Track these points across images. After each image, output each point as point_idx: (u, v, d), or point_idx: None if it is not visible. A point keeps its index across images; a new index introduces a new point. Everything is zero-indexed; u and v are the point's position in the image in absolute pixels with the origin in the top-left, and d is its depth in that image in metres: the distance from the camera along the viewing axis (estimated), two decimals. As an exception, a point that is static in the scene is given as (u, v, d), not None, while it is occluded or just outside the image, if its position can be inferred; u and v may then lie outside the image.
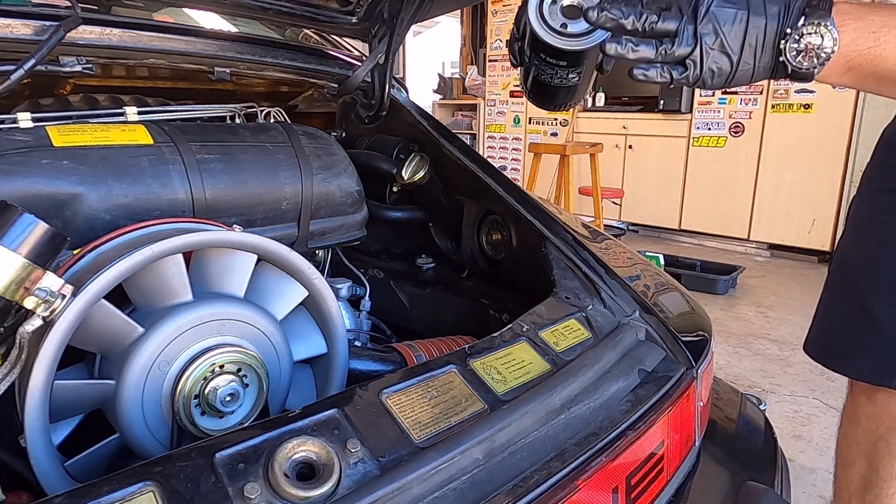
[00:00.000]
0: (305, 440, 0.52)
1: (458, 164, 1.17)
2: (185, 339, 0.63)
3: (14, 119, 0.79)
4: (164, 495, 0.46)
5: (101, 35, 0.86)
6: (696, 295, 1.05)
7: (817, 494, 1.84)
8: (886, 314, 1.05)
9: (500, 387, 0.67)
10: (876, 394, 1.17)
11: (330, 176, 0.98)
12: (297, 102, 1.37)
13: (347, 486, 0.51)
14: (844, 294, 1.14)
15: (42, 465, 0.56)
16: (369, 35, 1.17)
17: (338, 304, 0.76)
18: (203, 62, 1.00)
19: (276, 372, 0.69)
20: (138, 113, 0.92)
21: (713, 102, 4.50)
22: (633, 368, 0.79)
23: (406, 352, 0.88)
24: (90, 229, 0.73)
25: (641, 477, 0.70)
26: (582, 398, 0.70)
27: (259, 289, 0.72)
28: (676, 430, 0.78)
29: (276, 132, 0.97)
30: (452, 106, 6.75)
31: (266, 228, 0.91)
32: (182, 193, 0.81)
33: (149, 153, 0.80)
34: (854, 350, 1.12)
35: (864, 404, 1.19)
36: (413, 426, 0.59)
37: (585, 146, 4.48)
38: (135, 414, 0.60)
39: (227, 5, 1.15)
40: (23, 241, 0.51)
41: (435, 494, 0.54)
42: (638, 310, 0.90)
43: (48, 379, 0.55)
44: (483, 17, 6.46)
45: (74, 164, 0.73)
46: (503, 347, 0.73)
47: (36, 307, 0.52)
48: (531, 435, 0.64)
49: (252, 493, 0.47)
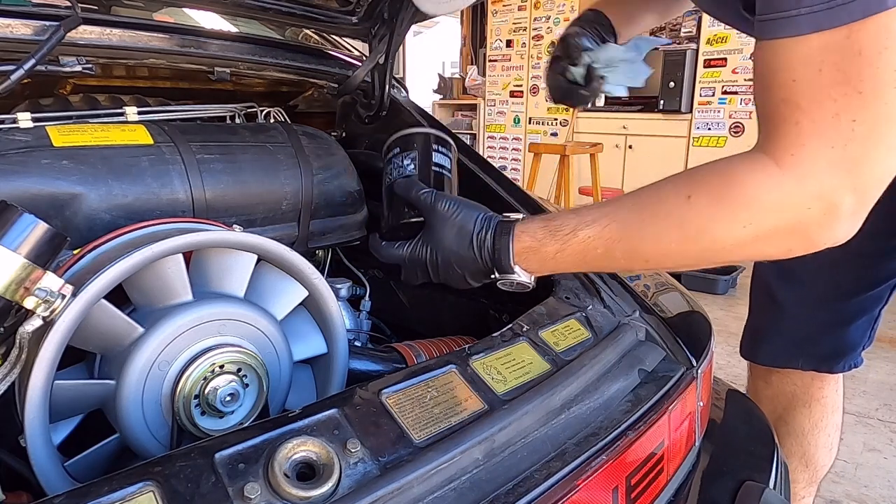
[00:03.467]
0: (305, 440, 0.52)
1: (457, 164, 1.16)
2: (186, 339, 0.63)
3: (14, 119, 0.79)
4: (164, 495, 0.46)
5: (101, 35, 0.86)
6: (696, 295, 1.05)
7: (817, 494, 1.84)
8: (781, 297, 1.11)
9: (500, 387, 0.67)
10: (771, 376, 1.23)
11: (330, 176, 0.98)
12: (297, 102, 1.37)
13: (347, 486, 0.51)
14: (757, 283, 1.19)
15: (42, 465, 0.56)
16: (369, 35, 1.17)
17: (338, 304, 0.76)
18: (203, 62, 1.00)
19: (276, 372, 0.69)
20: (138, 113, 0.92)
21: (713, 103, 4.50)
22: (633, 368, 0.79)
23: (406, 352, 0.88)
24: (90, 229, 0.73)
25: (641, 477, 0.70)
26: (582, 398, 0.70)
27: (259, 289, 0.72)
28: (676, 430, 0.78)
29: (276, 132, 0.97)
30: (452, 106, 6.75)
31: (266, 228, 0.91)
32: (182, 193, 0.81)
33: (149, 153, 0.80)
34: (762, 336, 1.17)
35: (762, 388, 1.26)
36: (413, 426, 0.59)
37: (585, 146, 4.49)
38: (135, 414, 0.60)
39: (227, 5, 1.15)
40: (23, 241, 0.51)
41: (435, 494, 0.54)
42: (638, 310, 0.90)
43: (48, 379, 0.55)
44: (483, 17, 6.46)
45: (74, 164, 0.73)
46: (503, 347, 0.73)
47: (36, 307, 0.52)
48: (531, 435, 0.64)
49: (252, 493, 0.47)
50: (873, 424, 2.25)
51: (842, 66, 0.53)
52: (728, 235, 0.60)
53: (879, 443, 2.12)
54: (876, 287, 1.09)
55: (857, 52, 0.52)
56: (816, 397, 1.21)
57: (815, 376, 1.19)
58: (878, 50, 0.51)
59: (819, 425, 1.22)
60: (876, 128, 0.53)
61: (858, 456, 2.04)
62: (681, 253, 0.64)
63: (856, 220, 0.58)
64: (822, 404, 1.21)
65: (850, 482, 1.90)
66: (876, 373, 2.62)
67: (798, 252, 0.62)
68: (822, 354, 1.15)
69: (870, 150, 0.54)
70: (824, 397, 1.21)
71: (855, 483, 1.90)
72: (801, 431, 1.23)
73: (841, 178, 0.55)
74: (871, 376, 2.59)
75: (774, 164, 0.58)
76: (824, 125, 0.55)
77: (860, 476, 1.93)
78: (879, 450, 2.08)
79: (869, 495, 1.84)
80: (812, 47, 0.53)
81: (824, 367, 1.17)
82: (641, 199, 0.67)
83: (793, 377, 1.21)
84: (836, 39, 0.52)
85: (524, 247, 0.71)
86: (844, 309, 1.12)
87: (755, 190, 0.58)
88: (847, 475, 1.94)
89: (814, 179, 0.56)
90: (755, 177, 0.58)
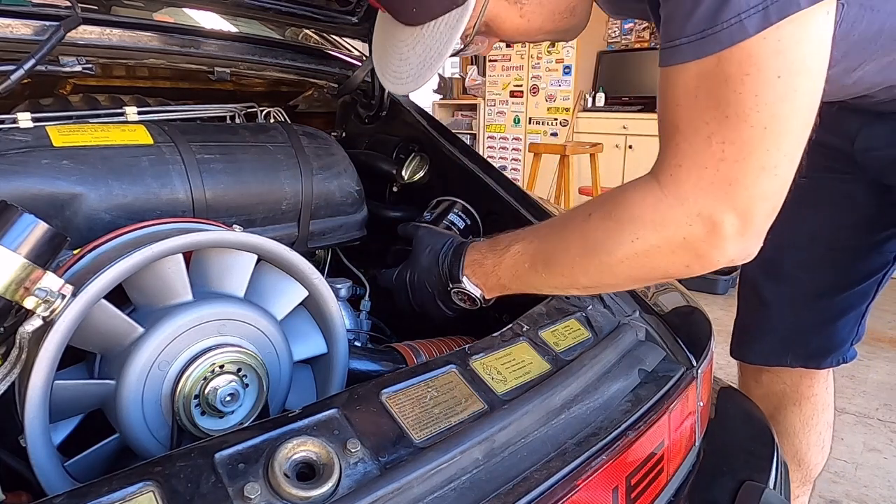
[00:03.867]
0: (305, 440, 0.52)
1: (458, 165, 1.17)
2: (186, 339, 0.63)
3: (14, 119, 0.79)
4: (164, 495, 0.46)
5: (101, 35, 0.86)
6: (696, 295, 1.05)
7: (817, 494, 1.84)
8: (768, 296, 1.14)
9: (500, 387, 0.67)
10: (761, 376, 1.26)
11: (330, 176, 0.98)
12: (297, 102, 1.37)
13: (347, 486, 0.51)
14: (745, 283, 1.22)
15: (42, 465, 0.56)
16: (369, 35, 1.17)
17: (338, 304, 0.76)
18: (203, 62, 1.00)
19: (276, 372, 0.69)
20: (138, 113, 0.92)
21: (713, 102, 4.49)
22: (633, 368, 0.79)
23: (406, 352, 0.88)
24: (90, 229, 0.73)
25: (641, 477, 0.70)
26: (582, 398, 0.70)
27: (259, 289, 0.72)
28: (676, 430, 0.78)
29: (276, 132, 0.97)
30: (452, 106, 6.75)
31: (266, 228, 0.91)
32: (182, 193, 0.81)
33: (149, 153, 0.80)
34: (750, 335, 1.19)
35: (753, 387, 1.28)
36: (413, 426, 0.59)
37: (585, 146, 4.49)
38: (135, 414, 0.60)
39: (227, 5, 1.15)
40: (23, 241, 0.51)
41: (435, 494, 0.54)
42: (638, 310, 0.90)
43: (48, 379, 0.55)
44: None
45: (74, 164, 0.73)
46: (503, 347, 0.73)
47: (36, 307, 0.52)
48: (531, 435, 0.64)
49: (252, 493, 0.47)
50: (873, 424, 2.25)
51: (713, 91, 0.57)
52: (620, 248, 0.66)
53: (879, 443, 2.12)
54: (862, 283, 1.11)
55: (724, 79, 0.56)
56: (806, 395, 1.22)
57: (805, 374, 1.21)
58: (740, 77, 0.55)
59: (810, 423, 1.23)
60: (744, 149, 0.57)
61: (858, 456, 2.04)
62: (584, 266, 0.70)
63: (746, 240, 0.61)
64: (812, 402, 1.23)
65: (850, 482, 1.90)
66: (876, 373, 2.62)
67: (696, 270, 0.66)
68: (811, 351, 1.17)
69: (741, 171, 0.58)
70: (814, 395, 1.22)
71: (855, 483, 1.90)
72: (792, 431, 1.24)
73: (716, 197, 0.59)
74: (871, 376, 2.59)
75: (657, 184, 0.63)
76: (699, 147, 0.59)
77: (860, 476, 1.94)
78: (879, 450, 2.08)
79: (869, 495, 1.84)
80: (690, 74, 0.58)
81: (813, 364, 1.18)
82: (559, 219, 0.76)
83: (782, 376, 1.22)
84: (709, 67, 0.56)
85: (471, 259, 0.82)
86: (831, 305, 1.13)
87: (639, 207, 0.65)
88: (847, 475, 1.94)
89: (692, 198, 0.61)
90: (640, 195, 0.65)
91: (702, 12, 0.55)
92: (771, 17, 0.53)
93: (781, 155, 0.57)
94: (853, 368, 2.66)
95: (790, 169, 0.59)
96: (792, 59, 0.54)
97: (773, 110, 0.55)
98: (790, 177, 0.59)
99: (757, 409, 1.07)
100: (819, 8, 0.53)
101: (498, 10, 0.69)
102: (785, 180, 0.59)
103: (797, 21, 0.53)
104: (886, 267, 1.09)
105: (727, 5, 0.53)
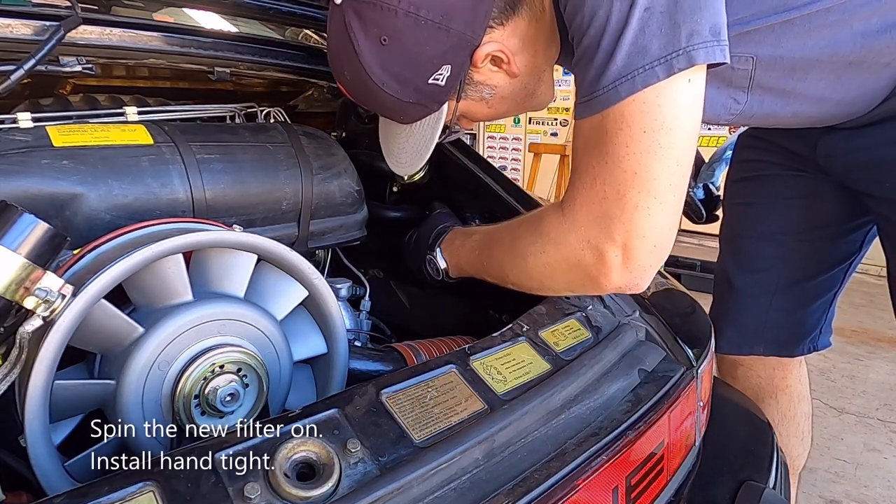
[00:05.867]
0: (305, 440, 0.52)
1: (458, 164, 1.17)
2: (186, 339, 0.63)
3: (14, 119, 0.79)
4: (164, 495, 0.46)
5: (101, 35, 0.86)
6: (696, 295, 1.05)
7: (817, 494, 1.84)
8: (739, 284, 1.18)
9: (500, 387, 0.67)
10: (736, 371, 1.30)
11: (330, 176, 0.98)
12: (297, 102, 1.37)
13: (347, 486, 0.51)
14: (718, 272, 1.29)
15: (42, 465, 0.56)
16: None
17: (338, 304, 0.76)
18: (203, 62, 1.00)
19: (276, 372, 0.69)
20: (138, 113, 0.91)
21: (713, 102, 4.49)
22: (633, 368, 0.79)
23: (406, 352, 0.88)
24: (90, 229, 0.73)
25: (641, 477, 0.70)
26: (582, 398, 0.70)
27: (259, 289, 0.72)
28: (676, 430, 0.78)
29: (276, 132, 0.97)
30: (452, 106, 6.74)
31: (266, 228, 0.91)
32: (182, 193, 0.81)
33: (149, 153, 0.80)
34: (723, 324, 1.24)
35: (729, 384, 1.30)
36: (413, 426, 0.59)
37: (585, 146, 4.47)
38: (135, 414, 0.60)
39: (227, 5, 1.15)
40: (23, 241, 0.51)
41: (435, 494, 0.54)
42: (638, 310, 0.90)
43: (48, 379, 0.55)
44: (483, 17, 6.44)
45: (74, 164, 0.73)
46: (503, 347, 0.73)
47: (36, 307, 0.52)
48: (531, 435, 0.64)
49: (252, 493, 0.47)
50: (873, 424, 2.25)
51: (598, 141, 0.69)
52: (532, 257, 0.78)
53: (879, 443, 2.13)
54: (830, 271, 1.16)
55: (604, 132, 0.68)
56: (781, 387, 1.26)
57: (777, 366, 1.24)
58: (615, 131, 0.67)
59: (788, 415, 1.27)
60: (619, 189, 0.68)
61: (858, 456, 2.04)
62: (511, 266, 0.82)
63: (630, 273, 0.71)
64: (787, 394, 1.26)
65: (850, 482, 1.90)
66: (876, 373, 2.62)
67: (591, 290, 0.80)
68: (782, 339, 1.21)
69: (618, 208, 0.68)
70: (788, 387, 1.26)
71: (855, 483, 1.90)
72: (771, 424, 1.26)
73: (600, 230, 0.70)
74: (871, 376, 2.60)
75: (561, 209, 0.74)
76: (588, 185, 0.71)
77: (860, 476, 1.94)
78: (879, 450, 2.08)
79: (869, 495, 1.85)
80: (585, 127, 0.71)
81: (785, 352, 1.22)
82: (511, 221, 0.87)
83: (756, 369, 1.26)
84: (596, 122, 0.69)
85: (449, 238, 0.98)
86: (801, 293, 1.18)
87: (547, 225, 0.76)
88: (847, 475, 1.94)
89: (581, 227, 0.72)
90: (551, 216, 0.76)
91: (590, 79, 0.68)
92: (637, 85, 0.64)
93: (651, 198, 0.67)
94: (853, 368, 2.66)
95: (663, 211, 0.68)
96: (654, 118, 0.65)
97: (640, 159, 0.66)
98: (666, 220, 0.69)
99: (757, 409, 1.07)
100: (679, 78, 0.64)
101: (468, 107, 0.83)
102: (659, 223, 0.68)
103: (658, 89, 0.64)
104: (853, 255, 1.15)
105: (605, 74, 0.66)
